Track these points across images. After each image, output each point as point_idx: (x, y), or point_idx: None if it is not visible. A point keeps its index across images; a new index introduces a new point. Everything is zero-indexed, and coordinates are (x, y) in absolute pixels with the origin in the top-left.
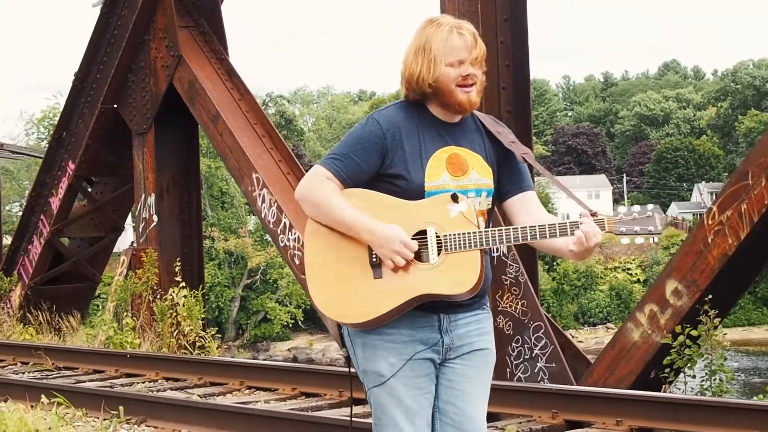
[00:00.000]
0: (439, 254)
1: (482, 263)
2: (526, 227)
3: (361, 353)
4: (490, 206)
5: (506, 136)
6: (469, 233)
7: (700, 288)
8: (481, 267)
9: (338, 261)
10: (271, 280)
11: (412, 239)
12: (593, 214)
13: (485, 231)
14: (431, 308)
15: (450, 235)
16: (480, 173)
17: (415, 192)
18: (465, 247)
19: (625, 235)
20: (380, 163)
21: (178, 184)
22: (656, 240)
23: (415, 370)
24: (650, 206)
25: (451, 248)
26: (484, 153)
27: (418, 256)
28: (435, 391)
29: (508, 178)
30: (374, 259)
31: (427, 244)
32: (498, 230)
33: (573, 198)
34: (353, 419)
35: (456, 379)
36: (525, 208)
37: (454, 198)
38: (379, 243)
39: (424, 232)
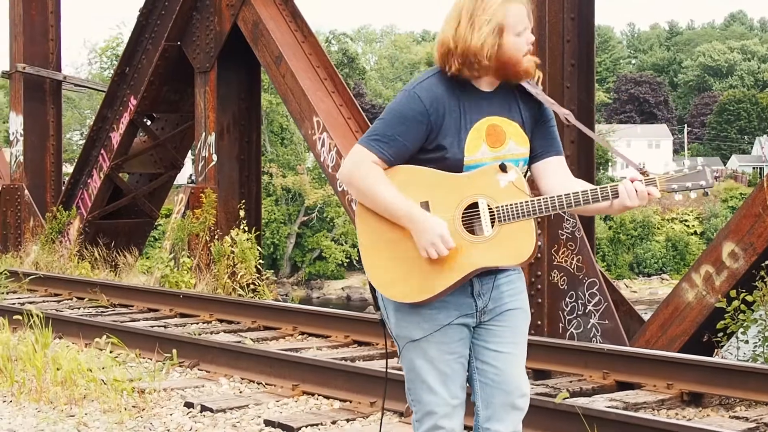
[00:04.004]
0: (492, 226)
1: (536, 231)
2: (578, 192)
3: (394, 318)
4: (524, 172)
5: (544, 97)
6: (522, 203)
7: (757, 251)
8: (536, 235)
9: (391, 240)
10: (327, 218)
11: (465, 212)
12: (644, 173)
13: (539, 199)
14: None
15: (503, 206)
16: (517, 142)
17: (454, 166)
18: (519, 216)
19: (677, 192)
20: (425, 139)
21: (238, 125)
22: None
23: (449, 335)
24: (700, 159)
25: (505, 219)
26: (521, 119)
27: (472, 230)
28: (472, 352)
29: (540, 141)
30: None
31: (479, 217)
32: (551, 198)
33: (621, 156)
34: (390, 371)
35: (492, 340)
36: (553, 172)
37: (503, 168)
38: (417, 234)
39: (475, 205)
